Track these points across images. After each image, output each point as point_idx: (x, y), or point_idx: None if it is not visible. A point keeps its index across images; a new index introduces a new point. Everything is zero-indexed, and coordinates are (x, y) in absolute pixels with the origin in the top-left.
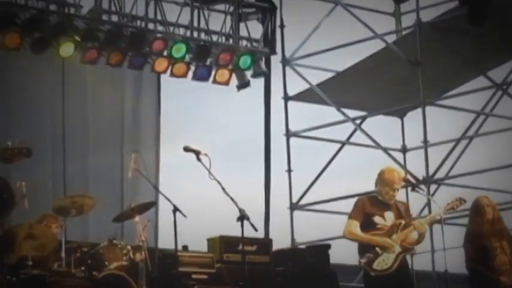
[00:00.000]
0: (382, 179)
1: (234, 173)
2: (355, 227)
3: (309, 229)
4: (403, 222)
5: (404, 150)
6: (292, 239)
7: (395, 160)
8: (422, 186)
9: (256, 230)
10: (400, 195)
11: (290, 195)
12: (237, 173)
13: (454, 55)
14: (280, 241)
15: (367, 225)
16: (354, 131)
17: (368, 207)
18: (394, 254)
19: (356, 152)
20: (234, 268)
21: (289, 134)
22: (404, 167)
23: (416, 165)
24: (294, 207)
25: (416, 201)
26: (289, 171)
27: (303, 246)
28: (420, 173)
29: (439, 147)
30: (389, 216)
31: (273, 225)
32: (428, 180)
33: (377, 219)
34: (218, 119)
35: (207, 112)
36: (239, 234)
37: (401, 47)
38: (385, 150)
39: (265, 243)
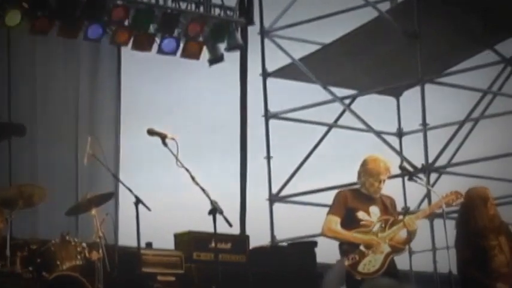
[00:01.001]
0: (365, 170)
1: (206, 161)
2: (336, 223)
3: (292, 224)
4: (391, 218)
5: (400, 134)
6: (272, 236)
7: (390, 146)
8: (421, 175)
9: (230, 225)
10: (388, 188)
11: (269, 185)
12: (209, 160)
13: (457, 26)
14: (258, 238)
15: (350, 221)
16: (343, 112)
17: (350, 201)
18: (382, 255)
19: (345, 137)
20: (205, 268)
21: (268, 116)
22: (400, 153)
23: (414, 151)
24: (273, 199)
25: (415, 191)
26: (269, 158)
27: (285, 244)
28: (419, 160)
29: (439, 130)
30: (375, 211)
31: (250, 220)
32: (428, 168)
33: (361, 214)
34: (187, 99)
35: (174, 91)
36: (211, 229)
37: (396, 17)
38: (379, 134)
39: (240, 240)
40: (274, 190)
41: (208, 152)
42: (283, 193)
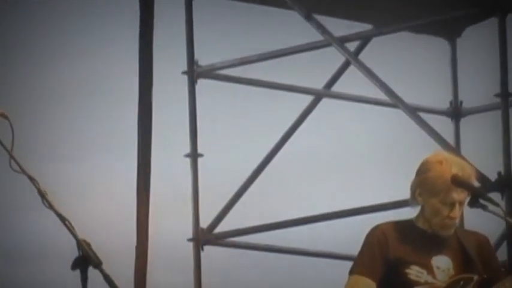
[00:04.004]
0: (425, 182)
1: (90, 160)
2: None
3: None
4: (474, 277)
5: (456, 112)
6: None
7: (434, 134)
8: (495, 199)
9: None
10: (473, 220)
11: (195, 213)
12: (96, 159)
13: None
14: None
15: (395, 285)
16: (343, 70)
17: (394, 247)
18: None
19: (345, 116)
20: None
21: (194, 73)
22: (457, 149)
23: (480, 145)
24: (203, 238)
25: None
26: (195, 155)
27: None
28: (490, 167)
29: None
30: (444, 264)
31: (156, 273)
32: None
33: (414, 272)
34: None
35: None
36: None
37: None
38: (411, 109)
39: None
40: (205, 222)
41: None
42: (221, 228)
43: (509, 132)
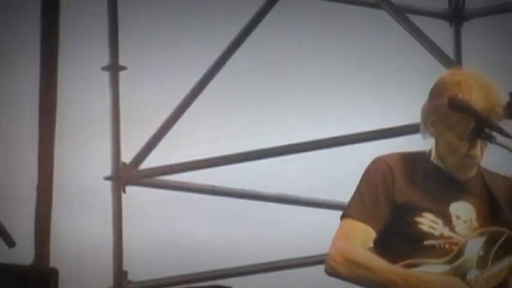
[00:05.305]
0: (438, 109)
1: None
2: (363, 241)
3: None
4: (505, 231)
5: (456, 14)
6: (119, 271)
7: (428, 43)
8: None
9: (11, 243)
10: (496, 160)
11: (115, 144)
12: None
13: None
14: (84, 274)
15: (402, 237)
16: None
17: (402, 188)
18: None
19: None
20: None
21: None
22: (458, 58)
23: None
24: (125, 176)
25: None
26: (116, 67)
27: None
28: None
29: None
30: (465, 213)
31: (60, 230)
32: None
33: (427, 221)
34: None
35: None
36: None
37: None
38: (397, 11)
39: (40, 278)
40: (127, 155)
41: None
42: (147, 164)
43: None
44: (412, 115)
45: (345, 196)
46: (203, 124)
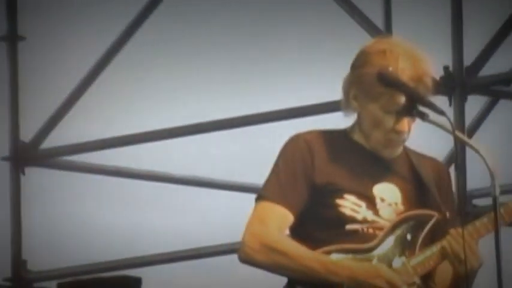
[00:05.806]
0: (361, 79)
1: None
2: (280, 225)
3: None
4: (434, 215)
5: None
6: (17, 261)
7: (356, 13)
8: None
9: None
10: (423, 137)
11: (14, 126)
12: None
13: None
14: None
15: (320, 221)
16: None
17: (323, 168)
18: None
19: None
20: None
21: None
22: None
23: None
24: (24, 156)
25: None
26: (15, 37)
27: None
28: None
29: None
30: (390, 195)
31: None
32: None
33: (349, 203)
34: None
35: None
36: None
37: None
38: None
39: None
40: (26, 134)
41: None
42: (47, 144)
43: (461, 9)
44: (338, 92)
45: (259, 178)
46: (114, 99)
